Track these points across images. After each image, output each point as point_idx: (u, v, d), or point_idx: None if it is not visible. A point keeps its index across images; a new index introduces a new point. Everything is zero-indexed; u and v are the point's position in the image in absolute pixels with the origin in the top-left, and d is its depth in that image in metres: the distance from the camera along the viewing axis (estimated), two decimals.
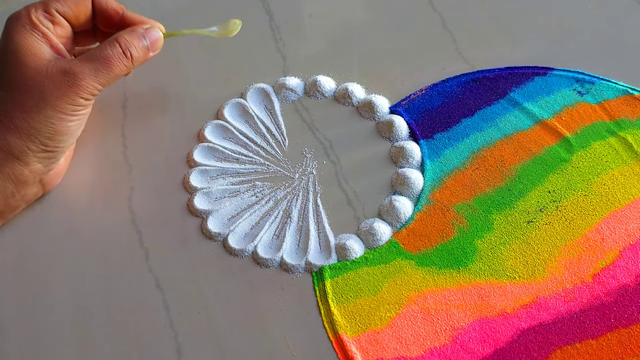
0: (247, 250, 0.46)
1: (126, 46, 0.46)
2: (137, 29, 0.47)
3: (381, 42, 0.56)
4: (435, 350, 0.42)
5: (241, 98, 0.53)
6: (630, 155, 0.49)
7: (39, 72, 0.44)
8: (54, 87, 0.43)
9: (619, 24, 0.56)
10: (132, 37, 0.46)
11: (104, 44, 0.46)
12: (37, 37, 0.45)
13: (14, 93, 0.44)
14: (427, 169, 0.49)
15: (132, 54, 0.46)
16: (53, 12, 0.46)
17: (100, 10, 0.48)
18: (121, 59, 0.46)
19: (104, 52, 0.45)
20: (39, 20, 0.45)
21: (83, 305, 0.45)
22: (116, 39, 0.46)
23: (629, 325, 0.42)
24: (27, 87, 0.43)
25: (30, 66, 0.44)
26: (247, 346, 0.43)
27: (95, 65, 0.45)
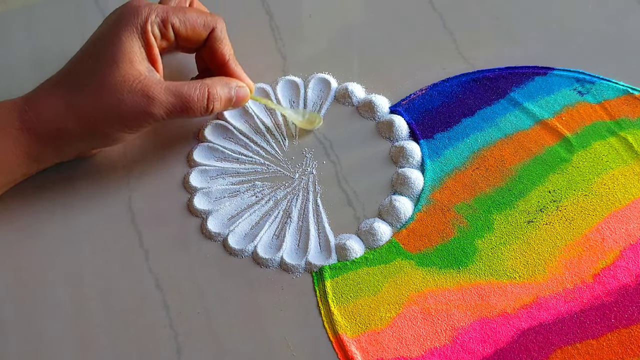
0: (247, 250, 0.46)
1: (213, 99, 0.46)
2: (231, 84, 0.47)
3: (381, 42, 0.56)
4: (436, 350, 0.42)
5: None
6: (631, 155, 0.49)
7: (125, 82, 0.43)
8: (130, 103, 0.43)
9: (619, 24, 0.56)
10: (223, 92, 0.46)
11: (194, 85, 0.45)
12: (142, 44, 0.45)
13: (92, 85, 0.44)
14: (427, 169, 0.49)
15: (214, 107, 0.46)
16: (169, 26, 0.46)
17: (211, 46, 0.48)
18: (201, 109, 0.46)
19: (190, 94, 0.45)
20: (152, 30, 0.45)
21: (83, 305, 0.45)
22: (208, 88, 0.45)
23: (630, 325, 0.42)
24: (109, 89, 0.43)
25: (121, 71, 0.43)
26: (247, 346, 0.43)
27: (176, 101, 0.44)
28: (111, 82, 0.43)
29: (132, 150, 0.51)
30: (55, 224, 0.48)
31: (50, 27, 0.58)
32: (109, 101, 0.43)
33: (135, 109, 0.43)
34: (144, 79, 0.44)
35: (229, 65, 0.48)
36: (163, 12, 0.45)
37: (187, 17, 0.46)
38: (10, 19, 0.59)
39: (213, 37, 0.47)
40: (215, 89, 0.46)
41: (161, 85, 0.44)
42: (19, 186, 0.49)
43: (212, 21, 0.47)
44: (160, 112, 0.44)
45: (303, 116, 0.51)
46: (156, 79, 0.44)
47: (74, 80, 0.44)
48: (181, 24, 0.46)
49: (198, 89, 0.45)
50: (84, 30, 0.58)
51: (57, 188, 0.49)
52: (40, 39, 0.58)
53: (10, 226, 0.48)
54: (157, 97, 0.44)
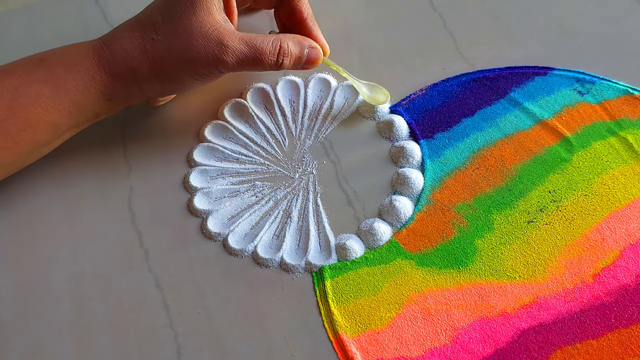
0: (247, 250, 0.46)
1: (284, 54, 0.46)
2: (304, 42, 0.48)
3: (381, 41, 0.56)
4: (436, 350, 0.42)
5: (241, 98, 0.53)
6: (631, 155, 0.49)
7: (201, 28, 0.44)
8: (203, 49, 0.44)
9: (619, 24, 0.56)
10: (295, 48, 0.47)
11: (267, 38, 0.46)
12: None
13: (168, 28, 0.44)
14: (427, 169, 0.49)
15: (284, 62, 0.47)
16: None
17: (289, 3, 0.48)
18: (271, 63, 0.46)
19: (263, 46, 0.45)
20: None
21: (83, 305, 0.45)
22: (281, 42, 0.46)
23: (630, 325, 0.42)
24: (184, 34, 0.44)
25: (198, 18, 0.44)
26: (247, 346, 0.43)
27: (249, 51, 0.45)
28: (186, 27, 0.44)
29: (132, 150, 0.51)
30: (56, 223, 0.48)
31: (50, 27, 0.58)
32: (182, 45, 0.44)
33: (207, 55, 0.44)
34: (219, 26, 0.45)
35: (306, 23, 0.49)
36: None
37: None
38: (10, 18, 0.59)
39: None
40: (287, 44, 0.46)
41: (235, 35, 0.45)
42: (19, 186, 0.49)
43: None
44: (232, 61, 0.45)
45: (370, 90, 0.52)
46: (231, 29, 0.45)
47: (150, 22, 0.45)
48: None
49: (271, 42, 0.46)
50: (84, 30, 0.58)
51: (57, 188, 0.49)
52: (40, 39, 0.58)
53: (10, 226, 0.48)
54: (231, 45, 0.44)
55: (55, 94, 0.44)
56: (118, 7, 0.59)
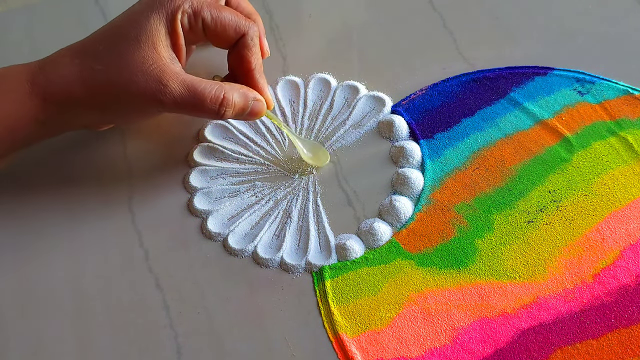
0: (247, 250, 0.46)
1: (226, 105, 0.44)
2: (249, 94, 0.46)
3: (381, 41, 0.56)
4: (436, 350, 0.42)
5: None
6: (631, 155, 0.49)
7: (143, 64, 0.43)
8: (142, 86, 0.43)
9: (619, 24, 0.56)
10: (240, 100, 0.45)
11: (211, 85, 0.44)
12: (167, 31, 0.44)
13: (110, 60, 0.43)
14: (427, 169, 0.49)
15: (225, 113, 0.45)
16: (199, 20, 0.45)
17: (238, 51, 0.46)
18: (212, 111, 0.44)
19: (205, 93, 0.44)
20: (181, 19, 0.44)
21: (83, 305, 0.45)
22: (225, 92, 0.44)
23: (630, 325, 0.42)
24: (125, 68, 0.43)
25: (142, 53, 0.43)
26: (247, 346, 0.43)
27: (188, 96, 0.43)
28: (128, 61, 0.43)
29: (132, 150, 0.51)
30: (56, 224, 0.48)
31: (50, 27, 0.58)
32: (122, 78, 0.43)
33: (145, 93, 0.43)
34: (162, 64, 0.43)
35: (252, 75, 0.47)
36: (197, 4, 0.44)
37: (219, 15, 0.45)
38: (10, 19, 0.59)
39: (242, 43, 0.46)
40: (231, 94, 0.45)
41: (177, 76, 0.43)
42: (19, 185, 0.49)
43: (244, 26, 0.46)
44: (169, 101, 0.43)
45: (310, 151, 0.50)
46: (175, 69, 0.44)
47: (92, 50, 0.44)
48: (212, 21, 0.45)
49: (214, 90, 0.44)
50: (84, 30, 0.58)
51: (57, 188, 0.49)
52: (40, 39, 0.58)
53: (10, 226, 0.48)
54: (170, 86, 0.43)
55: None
56: (118, 7, 0.59)
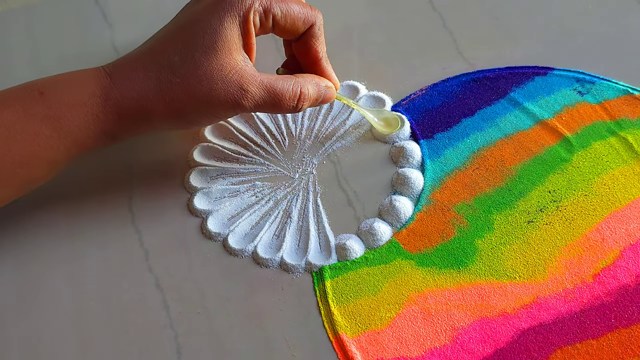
0: (247, 250, 0.46)
1: (303, 99, 0.45)
2: (321, 84, 0.46)
3: (381, 41, 0.56)
4: (436, 350, 0.42)
5: None
6: (631, 155, 0.49)
7: (222, 71, 0.42)
8: (223, 93, 0.42)
9: (619, 24, 0.56)
10: (314, 92, 0.45)
11: (287, 82, 0.44)
12: (241, 33, 0.43)
13: (187, 71, 0.42)
14: (427, 169, 0.49)
15: (303, 106, 0.45)
16: (270, 17, 0.44)
17: (306, 41, 0.46)
18: (290, 107, 0.45)
19: (283, 92, 0.44)
20: (253, 19, 0.43)
21: (83, 305, 0.45)
22: (301, 87, 0.45)
23: (630, 325, 0.42)
24: (204, 78, 0.42)
25: (219, 60, 0.42)
26: (247, 346, 0.43)
27: (268, 97, 0.43)
28: (207, 70, 0.42)
29: (132, 151, 0.51)
30: (56, 224, 0.48)
31: (50, 27, 0.58)
32: (202, 89, 0.42)
33: (227, 99, 0.42)
34: (240, 69, 0.43)
35: (321, 63, 0.47)
36: (267, 1, 0.44)
37: (289, 9, 0.44)
38: (10, 19, 0.59)
39: (310, 34, 0.46)
40: (307, 88, 0.45)
41: (256, 78, 0.43)
42: None
43: (312, 16, 0.45)
44: (251, 105, 0.43)
45: (381, 118, 0.50)
46: (251, 71, 0.43)
47: (166, 61, 0.43)
48: (282, 16, 0.44)
49: (292, 87, 0.44)
50: (84, 30, 0.58)
51: (57, 188, 0.49)
52: (40, 39, 0.58)
53: (10, 225, 0.48)
54: (251, 90, 0.43)
55: (55, 133, 0.42)
56: (118, 7, 0.59)
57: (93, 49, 0.57)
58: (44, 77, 0.44)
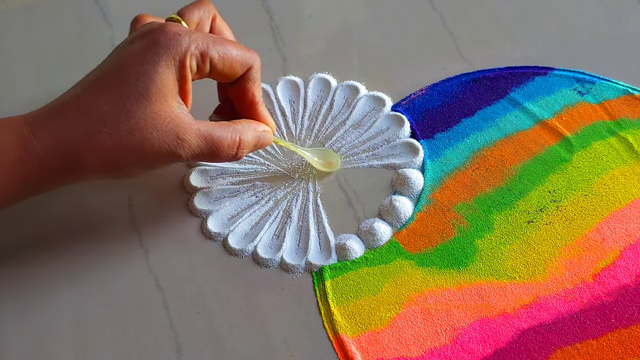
0: (247, 250, 0.46)
1: (242, 147, 0.43)
2: (257, 129, 0.44)
3: (381, 41, 0.56)
4: (436, 350, 0.42)
5: None
6: (631, 155, 0.49)
7: (155, 120, 0.39)
8: (157, 143, 0.39)
9: (619, 24, 0.56)
10: (252, 139, 0.43)
11: (225, 130, 0.42)
12: (176, 79, 0.40)
13: (118, 121, 0.39)
14: (427, 169, 0.49)
15: (242, 154, 0.43)
16: (207, 60, 0.41)
17: (242, 85, 0.44)
18: (229, 155, 0.42)
19: (221, 140, 0.41)
20: (190, 64, 0.40)
21: (83, 306, 0.45)
22: (240, 134, 0.42)
23: (630, 325, 0.42)
24: (137, 128, 0.39)
25: (153, 108, 0.39)
26: (247, 346, 0.43)
27: (206, 146, 0.41)
28: (140, 120, 0.39)
29: None
30: (56, 224, 0.48)
31: (50, 27, 0.58)
32: (135, 139, 0.39)
33: (162, 150, 0.40)
34: (175, 117, 0.40)
35: (257, 107, 0.45)
36: (204, 44, 0.41)
37: (227, 52, 0.42)
38: (10, 18, 0.59)
39: (247, 77, 0.43)
40: (246, 135, 0.43)
41: (193, 127, 0.40)
42: None
43: (250, 59, 0.43)
44: (187, 155, 0.41)
45: (320, 157, 0.49)
46: (188, 119, 0.41)
47: (94, 110, 0.39)
48: (220, 60, 0.42)
49: (230, 135, 0.42)
50: (84, 30, 0.58)
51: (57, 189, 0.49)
52: (40, 39, 0.58)
53: (9, 226, 0.48)
54: (188, 139, 0.40)
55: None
56: (118, 7, 0.59)
57: (93, 49, 0.57)
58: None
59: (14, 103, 0.54)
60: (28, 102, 0.55)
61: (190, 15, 0.45)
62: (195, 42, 0.40)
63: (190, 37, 0.40)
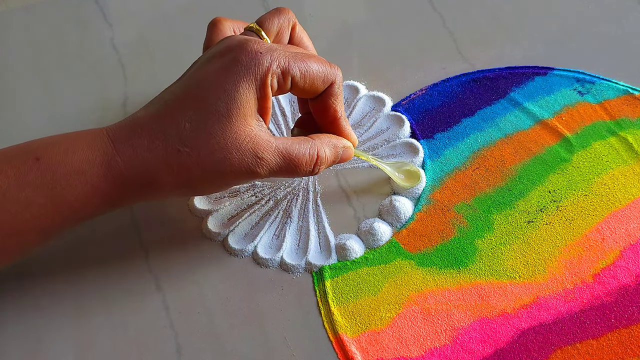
0: (247, 250, 0.46)
1: (320, 163, 0.42)
2: (338, 145, 0.43)
3: (381, 41, 0.56)
4: (436, 350, 0.42)
5: None
6: (631, 155, 0.49)
7: (236, 140, 0.39)
8: (237, 163, 0.39)
9: (619, 24, 0.56)
10: (331, 154, 0.43)
11: (303, 147, 0.41)
12: (257, 97, 0.40)
13: (198, 141, 0.39)
14: (427, 169, 0.49)
15: (319, 170, 0.43)
16: (288, 78, 0.40)
17: (324, 101, 0.43)
18: (307, 172, 0.42)
19: (299, 157, 0.41)
20: (271, 82, 0.40)
21: (83, 305, 0.45)
22: (318, 150, 0.42)
23: (630, 325, 0.42)
24: (217, 148, 0.39)
25: (234, 127, 0.39)
26: (247, 346, 0.43)
27: (284, 163, 0.41)
28: (221, 140, 0.39)
29: None
30: None
31: (50, 27, 0.59)
32: (215, 159, 0.39)
33: (240, 169, 0.39)
34: (254, 136, 0.39)
35: (339, 122, 0.44)
36: (285, 61, 0.40)
37: (308, 69, 0.41)
38: (10, 18, 0.59)
39: (329, 92, 0.42)
40: (324, 151, 0.42)
41: (271, 145, 0.40)
42: None
43: (331, 74, 0.42)
44: (266, 172, 0.40)
45: (402, 171, 0.48)
46: (266, 137, 0.40)
47: (174, 129, 0.39)
48: (301, 77, 0.41)
49: (308, 151, 0.41)
50: (84, 30, 0.58)
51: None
52: (40, 39, 0.58)
53: None
54: (266, 157, 0.40)
55: (49, 202, 0.38)
56: (118, 7, 0.59)
57: (93, 49, 0.57)
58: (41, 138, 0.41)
59: (14, 103, 0.54)
60: (28, 102, 0.55)
61: (270, 25, 0.44)
62: (276, 60, 0.40)
63: (272, 55, 0.40)
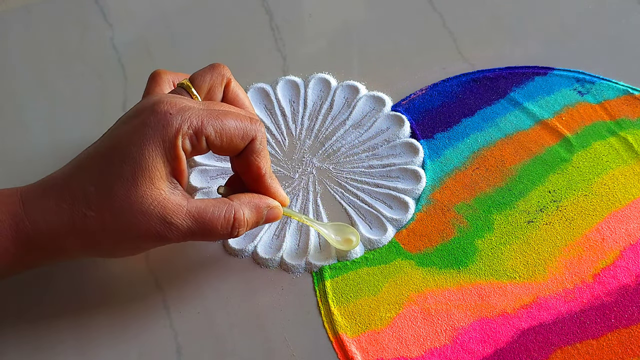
0: (247, 250, 0.46)
1: (238, 226, 0.40)
2: (261, 205, 0.41)
3: (381, 41, 0.56)
4: (435, 350, 0.42)
5: None
6: (631, 155, 0.49)
7: (142, 204, 0.38)
8: (144, 227, 0.38)
9: (619, 24, 0.56)
10: (251, 216, 0.41)
11: (219, 208, 0.40)
12: (168, 160, 0.38)
13: (103, 204, 0.38)
14: (427, 169, 0.49)
15: (239, 232, 0.41)
16: (202, 139, 0.39)
17: (246, 158, 0.41)
18: (224, 234, 0.40)
19: (213, 220, 0.39)
20: (182, 144, 0.38)
21: (83, 306, 0.45)
22: (235, 212, 0.40)
23: (630, 325, 0.42)
24: (121, 212, 0.38)
25: (139, 192, 0.38)
26: (247, 346, 0.43)
27: (197, 227, 0.39)
28: (124, 203, 0.38)
29: None
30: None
31: (50, 27, 0.58)
32: (120, 223, 0.38)
33: (148, 233, 0.38)
34: (163, 200, 0.38)
35: (264, 180, 0.42)
36: (197, 121, 0.38)
37: (224, 127, 0.39)
38: (10, 18, 0.59)
39: (250, 149, 0.41)
40: (242, 212, 0.40)
41: (182, 209, 0.39)
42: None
43: (251, 130, 0.40)
44: (177, 237, 0.39)
45: (337, 234, 0.46)
46: (177, 201, 0.39)
47: (80, 192, 0.38)
48: (217, 136, 0.39)
49: (223, 214, 0.40)
50: (84, 30, 0.58)
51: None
52: (40, 39, 0.58)
53: None
54: (176, 222, 0.39)
55: None
56: (118, 7, 0.59)
57: (93, 49, 0.57)
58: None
59: (14, 103, 0.54)
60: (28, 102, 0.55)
61: (201, 82, 0.43)
62: (188, 121, 0.38)
63: (183, 115, 0.38)
